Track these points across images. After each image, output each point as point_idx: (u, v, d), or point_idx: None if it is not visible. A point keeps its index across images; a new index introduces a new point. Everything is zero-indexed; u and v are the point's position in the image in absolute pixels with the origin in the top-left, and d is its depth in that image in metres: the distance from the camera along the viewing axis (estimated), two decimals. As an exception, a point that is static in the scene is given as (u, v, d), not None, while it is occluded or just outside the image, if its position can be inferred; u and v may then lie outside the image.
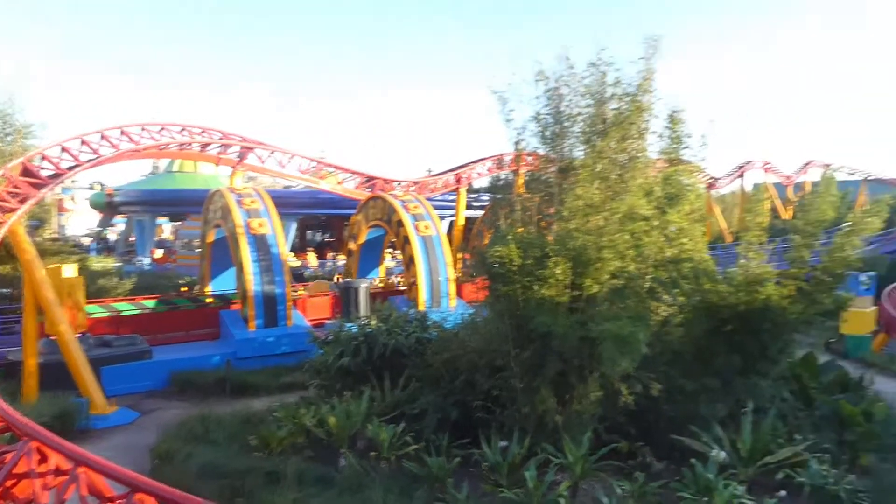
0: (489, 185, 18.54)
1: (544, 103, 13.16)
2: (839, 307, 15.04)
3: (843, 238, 14.51)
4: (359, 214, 30.65)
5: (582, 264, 11.61)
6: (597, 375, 11.81)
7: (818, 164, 71.26)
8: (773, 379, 14.26)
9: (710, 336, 13.88)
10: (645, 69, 12.71)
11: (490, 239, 13.51)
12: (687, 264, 13.45)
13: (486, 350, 12.44)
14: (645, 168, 13.28)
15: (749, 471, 11.62)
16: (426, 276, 24.93)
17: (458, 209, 41.71)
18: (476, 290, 14.51)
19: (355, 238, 30.88)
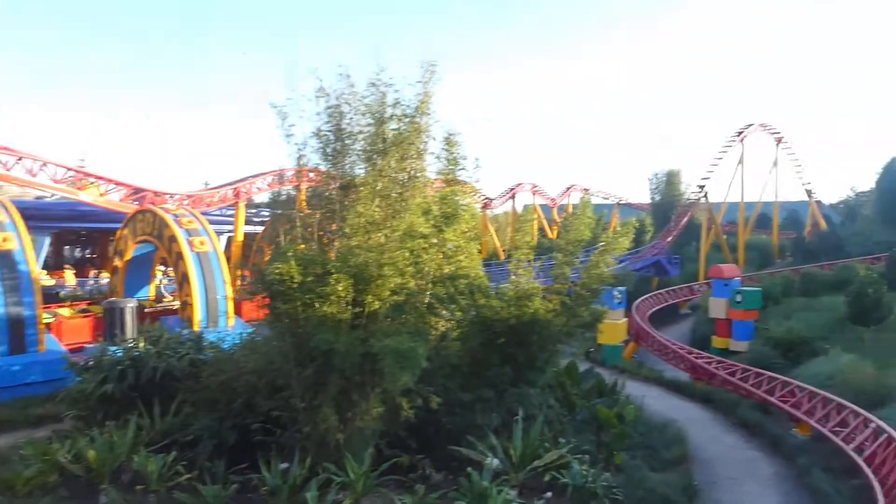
0: (270, 200, 18.14)
1: (325, 120, 13.18)
2: (596, 319, 16.58)
3: (597, 256, 16.07)
4: (125, 229, 28.56)
5: (363, 281, 11.73)
6: (378, 391, 11.97)
7: (579, 188, 78.23)
8: (540, 387, 15.35)
9: (484, 349, 14.66)
10: (423, 92, 13.19)
11: (270, 255, 13.24)
12: (463, 281, 14.11)
13: (265, 370, 12.12)
14: (424, 187, 13.77)
15: (520, 475, 12.39)
16: (202, 295, 23.78)
17: (237, 224, 40.41)
18: (256, 308, 14.08)
19: (121, 254, 28.71)
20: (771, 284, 41.59)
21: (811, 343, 29.94)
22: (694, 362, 28.41)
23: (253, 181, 41.77)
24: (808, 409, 20.82)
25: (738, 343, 35.15)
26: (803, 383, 22.73)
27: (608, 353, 33.89)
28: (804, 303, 38.06)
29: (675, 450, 18.20)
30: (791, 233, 67.63)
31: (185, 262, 24.05)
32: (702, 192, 57.59)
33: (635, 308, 39.30)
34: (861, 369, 23.31)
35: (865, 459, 16.64)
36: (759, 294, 37.05)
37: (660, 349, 33.08)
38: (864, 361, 24.65)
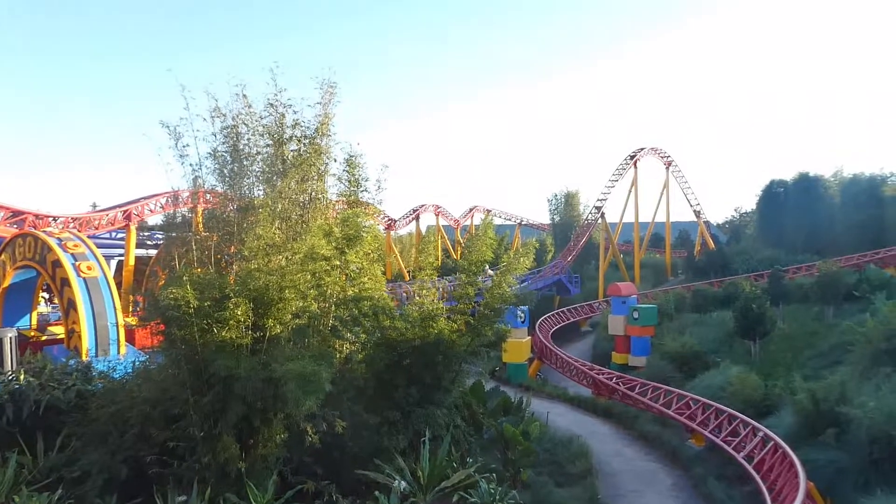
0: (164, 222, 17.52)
1: (222, 141, 12.90)
2: (500, 338, 16.83)
3: (500, 276, 16.34)
4: (2, 254, 26.98)
5: (264, 304, 11.50)
6: (281, 417, 11.72)
7: (481, 209, 79.42)
8: (447, 407, 15.40)
9: (390, 370, 14.62)
10: (323, 113, 13.14)
11: (164, 280, 12.79)
12: (367, 302, 14.06)
13: (160, 399, 11.64)
14: (325, 209, 13.67)
15: (428, 497, 12.35)
16: (90, 322, 22.65)
17: (129, 248, 38.82)
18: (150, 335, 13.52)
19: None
20: (665, 301, 43.31)
21: (704, 357, 31.32)
22: (596, 378, 29.20)
23: (145, 203, 40.34)
24: (702, 420, 21.75)
25: (637, 358, 36.40)
26: (697, 395, 23.75)
27: (513, 372, 34.38)
28: (696, 318, 39.77)
29: (580, 464, 18.65)
30: (682, 251, 70.80)
31: (71, 288, 22.90)
32: (598, 212, 59.55)
33: (538, 326, 40.08)
34: (749, 381, 24.54)
35: (754, 466, 17.52)
36: (654, 311, 38.53)
37: (563, 366, 33.83)
38: (752, 373, 25.98)
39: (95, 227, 37.91)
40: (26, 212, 34.24)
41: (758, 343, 32.34)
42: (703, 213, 70.20)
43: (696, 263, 59.27)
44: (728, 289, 43.06)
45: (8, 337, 20.56)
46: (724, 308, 39.28)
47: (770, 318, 32.90)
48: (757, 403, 23.35)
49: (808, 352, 30.60)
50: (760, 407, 23.16)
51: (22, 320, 28.38)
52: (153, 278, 27.86)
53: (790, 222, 56.48)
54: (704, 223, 70.12)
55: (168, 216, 16.84)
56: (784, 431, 19.29)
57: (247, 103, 12.86)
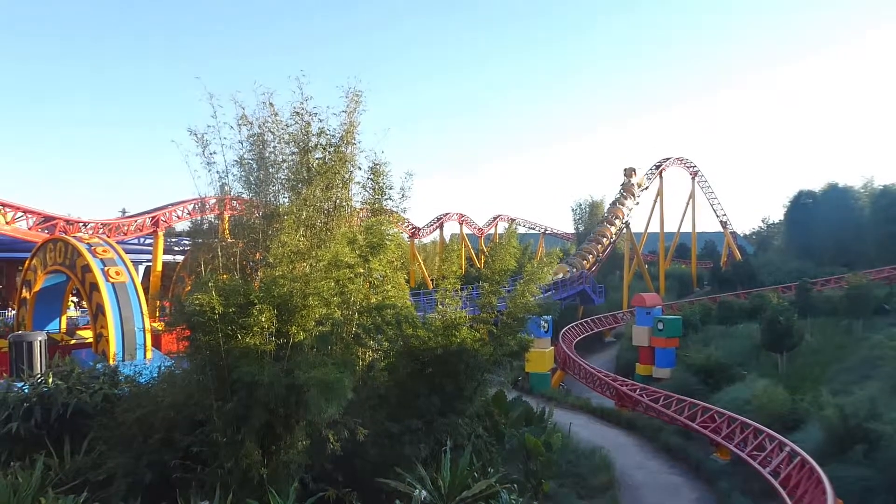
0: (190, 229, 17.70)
1: (248, 148, 13.01)
2: (523, 348, 16.72)
3: (523, 286, 16.26)
4: (34, 259, 27.42)
5: (288, 311, 11.55)
6: (304, 424, 11.74)
7: (505, 217, 79.38)
8: (469, 417, 15.33)
9: (412, 379, 14.59)
10: (348, 122, 13.20)
11: (190, 286, 12.90)
12: (390, 310, 14.05)
13: (185, 404, 11.72)
14: (349, 217, 13.71)
15: (449, 506, 12.28)
16: (117, 327, 22.95)
17: (156, 254, 39.31)
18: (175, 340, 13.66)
19: (30, 285, 27.50)
20: (690, 312, 42.92)
21: (729, 369, 30.97)
22: (619, 389, 28.99)
23: (173, 209, 40.85)
24: (728, 433, 21.49)
25: (661, 370, 36.08)
26: (722, 409, 23.50)
27: (536, 382, 34.25)
28: (722, 330, 39.36)
29: (602, 476, 18.51)
30: (708, 262, 70.20)
31: (99, 292, 23.22)
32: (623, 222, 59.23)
33: (562, 336, 39.93)
34: (775, 394, 24.22)
35: (781, 482, 17.26)
36: (679, 322, 38.18)
37: (586, 377, 33.64)
38: (778, 386, 25.64)
39: (124, 233, 38.45)
40: (57, 217, 34.81)
41: (785, 356, 31.91)
42: (729, 223, 69.59)
43: (722, 274, 58.71)
44: (755, 301, 42.58)
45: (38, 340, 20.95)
46: (750, 320, 38.86)
47: (797, 331, 32.46)
48: (783, 418, 23.03)
49: (836, 366, 30.12)
50: (787, 421, 22.84)
51: (52, 324, 28.82)
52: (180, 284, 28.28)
53: (819, 234, 55.72)
54: (731, 234, 69.50)
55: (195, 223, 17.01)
56: (811, 447, 18.99)
57: (273, 111, 12.95)
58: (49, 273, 26.73)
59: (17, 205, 33.33)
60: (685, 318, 40.02)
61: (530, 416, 19.72)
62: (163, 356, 22.74)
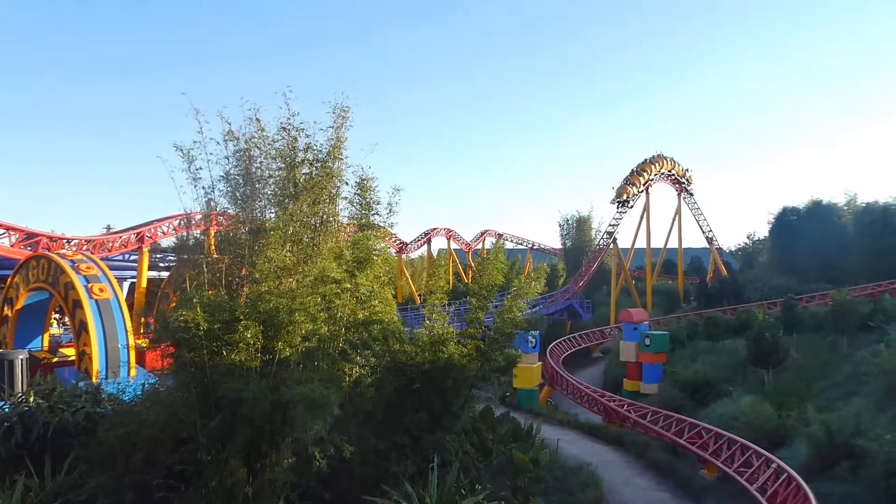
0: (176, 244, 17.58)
1: (234, 164, 12.97)
2: (510, 363, 16.70)
3: (510, 301, 16.25)
4: (16, 276, 27.18)
5: (274, 327, 11.47)
6: (289, 441, 11.63)
7: (493, 233, 79.57)
8: (456, 433, 15.25)
9: (399, 395, 14.52)
10: (335, 137, 13.20)
11: (176, 302, 12.79)
12: (377, 326, 14.01)
13: (169, 422, 11.58)
14: (336, 232, 13.67)
15: (430, 524, 12.18)
16: (101, 344, 22.73)
17: (141, 270, 39.04)
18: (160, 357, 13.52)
19: (11, 302, 27.24)
20: (677, 328, 43.02)
21: (716, 385, 31.01)
22: (607, 405, 28.96)
23: (158, 225, 40.63)
24: (715, 450, 21.48)
25: (649, 385, 36.13)
26: (709, 425, 23.48)
27: (523, 397, 34.17)
28: (708, 346, 39.42)
29: (590, 493, 18.40)
30: (694, 278, 70.43)
31: (83, 310, 23.01)
32: (611, 238, 59.41)
33: (549, 352, 39.90)
34: (762, 410, 24.26)
35: (767, 499, 17.24)
36: (666, 338, 38.28)
37: (574, 392, 33.60)
38: (765, 403, 25.68)
39: (108, 250, 38.19)
40: (40, 234, 34.54)
41: (771, 372, 32.00)
42: (715, 239, 69.95)
43: (708, 290, 58.91)
44: (741, 316, 42.72)
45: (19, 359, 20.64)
46: (736, 336, 38.95)
47: (783, 347, 32.58)
48: (770, 434, 23.05)
49: (821, 382, 30.21)
50: (774, 437, 22.85)
51: (34, 342, 28.51)
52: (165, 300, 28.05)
53: (803, 250, 56.11)
54: (717, 250, 69.82)
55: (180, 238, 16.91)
56: (798, 463, 19.00)
57: (260, 127, 12.94)
58: (31, 290, 26.50)
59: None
60: (672, 334, 40.11)
61: (518, 432, 19.63)
62: (147, 373, 22.52)
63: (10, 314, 27.42)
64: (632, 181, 58.91)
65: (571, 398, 34.06)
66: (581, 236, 70.97)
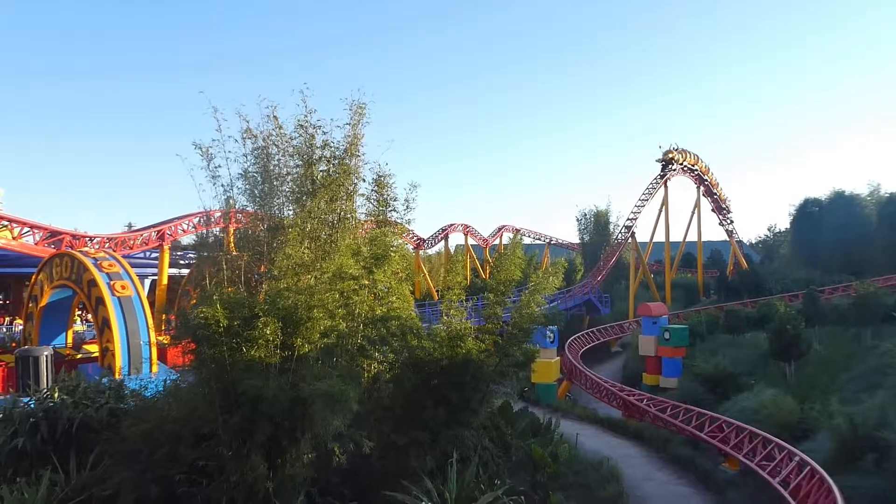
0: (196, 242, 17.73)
1: (252, 161, 13.06)
2: (528, 359, 16.68)
3: (528, 296, 16.25)
4: (41, 273, 27.51)
5: (293, 324, 11.55)
6: (309, 437, 11.71)
7: (510, 228, 79.45)
8: (475, 428, 15.29)
9: (418, 390, 14.57)
10: (352, 134, 13.24)
11: (196, 299, 12.91)
12: (395, 322, 14.05)
13: (190, 417, 11.71)
14: (353, 229, 13.72)
15: (455, 519, 12.24)
16: (123, 341, 22.99)
17: (162, 268, 39.39)
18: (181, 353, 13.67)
19: (36, 300, 27.60)
20: (697, 322, 42.85)
21: (737, 378, 30.84)
22: (626, 400, 28.89)
23: (178, 223, 40.96)
24: (736, 443, 21.36)
25: (668, 380, 35.99)
26: (731, 418, 23.35)
27: (542, 392, 34.14)
28: (729, 339, 39.23)
29: (610, 488, 18.36)
30: (714, 271, 69.94)
31: (105, 307, 23.27)
32: (629, 232, 59.14)
33: (567, 347, 39.84)
34: (784, 404, 24.09)
35: (790, 492, 17.12)
36: (686, 331, 38.10)
37: (592, 387, 33.54)
38: (787, 396, 25.51)
39: (130, 247, 38.57)
40: (64, 232, 34.92)
41: (793, 365, 31.77)
42: (735, 232, 69.41)
43: (728, 283, 58.56)
44: (762, 309, 42.45)
45: (44, 355, 20.97)
46: (757, 329, 38.74)
47: (805, 340, 32.34)
48: (793, 427, 22.90)
49: (845, 375, 29.96)
50: (796, 431, 22.70)
51: (58, 339, 28.89)
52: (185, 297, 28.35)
53: (825, 242, 55.61)
54: (737, 242, 69.29)
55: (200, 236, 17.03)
56: (821, 457, 18.85)
57: (277, 124, 13.00)
58: (55, 287, 26.82)
59: (23, 220, 33.43)
60: (692, 328, 39.93)
61: (537, 427, 19.64)
62: (168, 370, 22.76)
63: (35, 311, 27.77)
64: (671, 153, 60.15)
65: (590, 393, 34.00)
66: (599, 231, 70.70)
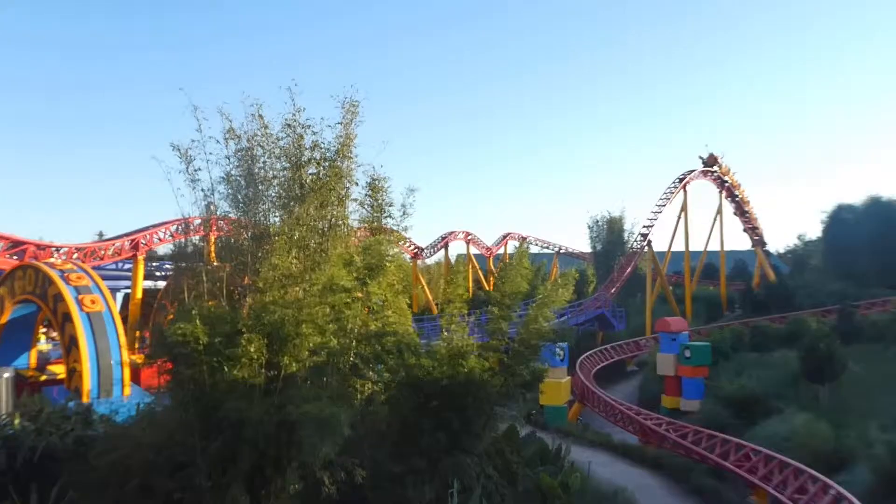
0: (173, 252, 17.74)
1: (236, 164, 13.08)
2: (536, 378, 16.65)
3: (536, 310, 16.23)
4: (1, 287, 27.49)
5: (279, 340, 11.55)
6: (296, 465, 11.69)
7: (516, 236, 79.48)
8: (478, 455, 15.25)
9: (415, 413, 14.54)
10: (344, 134, 13.26)
11: (173, 314, 12.90)
12: (391, 338, 14.05)
13: (166, 444, 11.67)
14: (346, 237, 13.74)
15: (456, 555, 12.20)
16: (93, 361, 22.92)
17: (136, 280, 39.40)
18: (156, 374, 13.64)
19: (-5, 316, 27.59)
20: (720, 338, 42.73)
21: (765, 401, 30.76)
22: (643, 424, 28.81)
23: (154, 231, 41.03)
24: (765, 474, 21.29)
25: (689, 402, 35.88)
26: (759, 446, 23.29)
27: (551, 416, 34.05)
28: (755, 358, 39.14)
29: (626, 521, 18.32)
30: (739, 284, 69.85)
31: (73, 323, 23.22)
32: (645, 240, 59.15)
33: (579, 365, 39.75)
34: (818, 430, 24.02)
35: (826, 528, 17.07)
36: (708, 349, 38.01)
37: (606, 410, 33.44)
38: (820, 421, 25.41)
39: (101, 258, 38.61)
40: (27, 242, 34.97)
41: (826, 387, 31.68)
42: (762, 240, 69.40)
43: (754, 297, 58.46)
44: (791, 325, 42.40)
45: (3, 377, 20.84)
46: (787, 347, 38.64)
47: (840, 360, 32.25)
48: (827, 456, 22.82)
49: (885, 398, 29.84)
50: (832, 460, 22.63)
51: (20, 359, 28.81)
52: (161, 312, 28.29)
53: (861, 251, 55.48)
54: (764, 252, 69.28)
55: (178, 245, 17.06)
56: (860, 489, 18.80)
57: (263, 124, 13.04)
58: (18, 303, 26.79)
59: (-20, 230, 33.58)
60: (715, 345, 39.82)
61: (545, 454, 19.59)
62: (142, 392, 22.68)
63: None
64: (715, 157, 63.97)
65: (604, 416, 33.91)
66: (612, 239, 70.56)
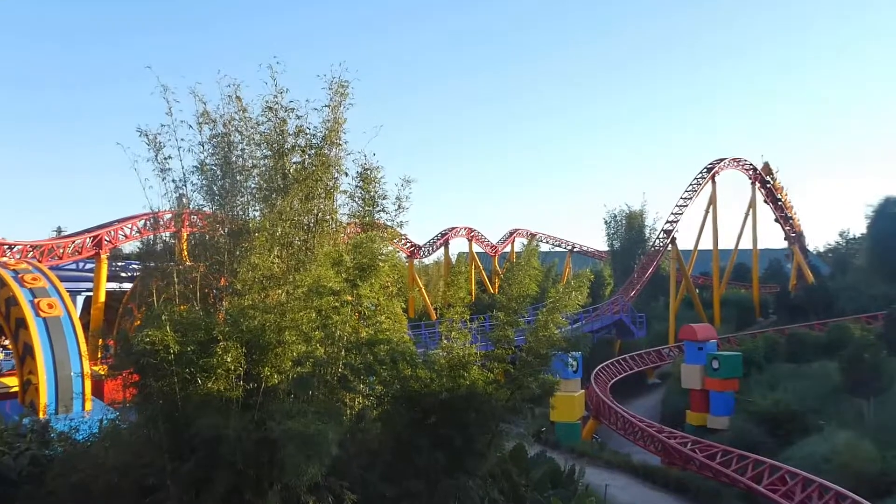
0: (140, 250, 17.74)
1: (211, 152, 13.08)
2: (546, 392, 16.64)
3: (546, 315, 16.19)
4: (-55, 290, 27.49)
5: (259, 349, 11.56)
6: (278, 488, 11.71)
7: (524, 233, 79.39)
8: (481, 477, 15.25)
9: (412, 430, 14.53)
10: (332, 118, 13.24)
11: (141, 320, 12.91)
12: (384, 347, 14.03)
13: (132, 465, 11.70)
14: (334, 233, 13.72)
15: (457, 588, 12.22)
16: (50, 372, 22.95)
17: (99, 281, 39.39)
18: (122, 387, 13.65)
19: (-60, 323, 27.58)
20: (752, 348, 42.70)
21: (802, 418, 30.75)
22: (666, 443, 28.82)
23: (119, 227, 41.00)
24: (803, 499, 21.31)
25: (717, 419, 35.88)
26: (795, 468, 23.28)
27: (563, 433, 34.08)
28: (792, 369, 39.13)
29: (646, 551, 18.36)
30: (774, 286, 69.83)
31: (28, 330, 23.23)
32: (668, 237, 59.12)
33: (594, 377, 39.77)
34: (861, 450, 24.01)
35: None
36: (739, 359, 38.01)
37: (625, 427, 33.45)
38: (864, 440, 25.40)
39: (59, 257, 38.55)
40: (-25, 239, 34.99)
41: (871, 402, 31.67)
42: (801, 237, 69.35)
43: (791, 301, 58.52)
44: (832, 333, 42.36)
45: (-52, 390, 20.78)
46: (827, 357, 38.61)
47: (887, 372, 32.23)
48: (873, 479, 22.84)
49: (937, 415, 29.86)
50: (877, 484, 22.66)
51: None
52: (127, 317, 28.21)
53: (912, 251, 55.47)
54: (802, 251, 69.26)
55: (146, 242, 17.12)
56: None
57: (241, 107, 13.04)
58: (-34, 306, 26.79)
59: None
60: (746, 355, 39.82)
61: (557, 477, 19.62)
62: (105, 407, 22.68)
63: (-62, 337, 27.81)
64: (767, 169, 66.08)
65: (622, 434, 33.92)
66: (632, 236, 70.47)
